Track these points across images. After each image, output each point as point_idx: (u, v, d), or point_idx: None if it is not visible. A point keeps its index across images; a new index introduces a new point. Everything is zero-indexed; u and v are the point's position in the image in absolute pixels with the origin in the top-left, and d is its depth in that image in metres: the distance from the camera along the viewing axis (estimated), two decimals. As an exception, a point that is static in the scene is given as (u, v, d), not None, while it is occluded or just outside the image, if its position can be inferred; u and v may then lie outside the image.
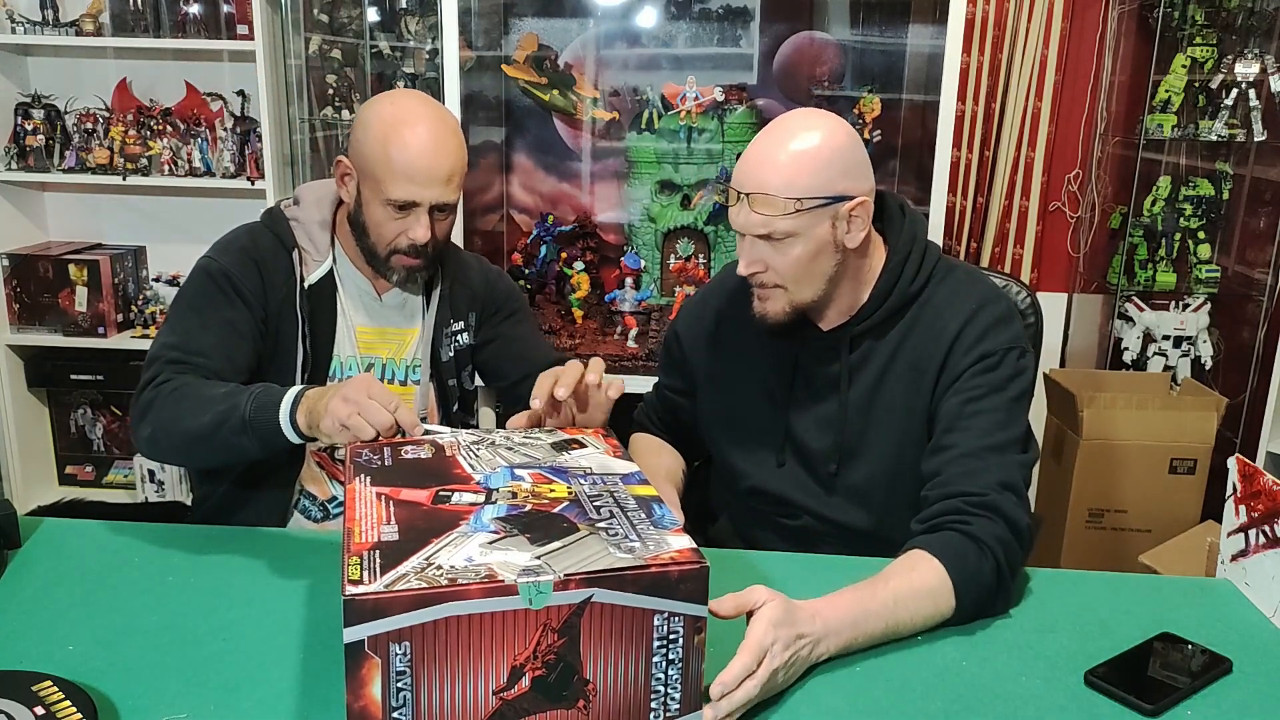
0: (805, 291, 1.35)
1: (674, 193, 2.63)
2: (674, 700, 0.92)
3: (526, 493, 1.02)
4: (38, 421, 3.02)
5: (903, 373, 1.37)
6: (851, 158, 1.31)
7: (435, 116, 1.45)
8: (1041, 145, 2.93)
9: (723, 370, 1.52)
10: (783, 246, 1.31)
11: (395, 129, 1.41)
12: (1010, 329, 1.36)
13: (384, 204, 1.43)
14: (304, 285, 1.50)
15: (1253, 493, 1.24)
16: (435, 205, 1.45)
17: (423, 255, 1.48)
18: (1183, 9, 2.75)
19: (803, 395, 1.44)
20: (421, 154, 1.41)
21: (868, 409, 1.40)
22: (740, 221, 1.32)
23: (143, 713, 0.98)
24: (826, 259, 1.33)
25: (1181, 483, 2.66)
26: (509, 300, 1.71)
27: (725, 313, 1.53)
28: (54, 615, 1.14)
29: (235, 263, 1.48)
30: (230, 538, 1.36)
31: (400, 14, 2.83)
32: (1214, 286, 2.89)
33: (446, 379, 1.63)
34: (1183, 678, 1.07)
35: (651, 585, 0.88)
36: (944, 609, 1.15)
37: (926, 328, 1.37)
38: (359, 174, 1.47)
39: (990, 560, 1.17)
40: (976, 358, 1.33)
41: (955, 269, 1.43)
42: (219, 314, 1.45)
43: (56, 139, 2.81)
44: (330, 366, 1.54)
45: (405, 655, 0.83)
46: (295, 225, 1.53)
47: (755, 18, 2.54)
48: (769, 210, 1.28)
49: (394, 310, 1.59)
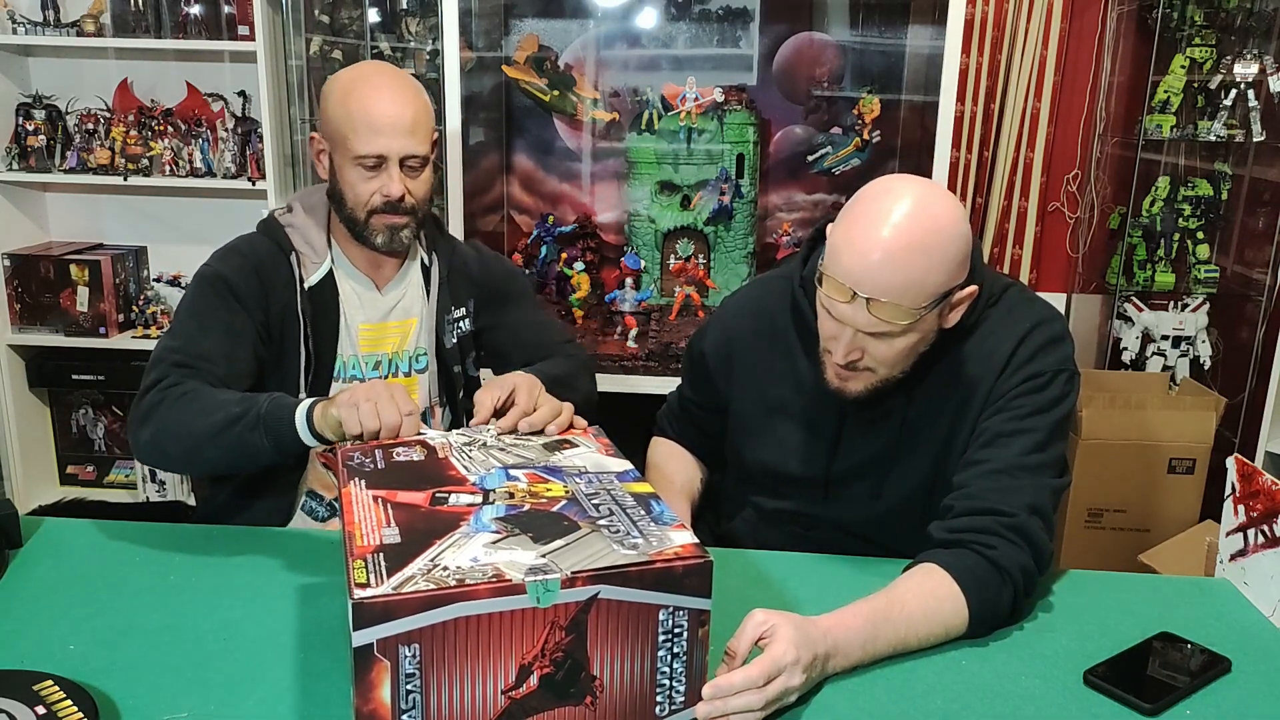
0: (894, 372, 1.28)
1: (674, 193, 2.63)
2: (679, 693, 0.92)
3: (524, 492, 1.02)
4: (39, 421, 3.02)
5: (954, 397, 1.33)
6: (968, 245, 1.22)
7: (392, 73, 1.51)
8: (1040, 146, 2.93)
9: (764, 407, 1.46)
10: (890, 340, 1.23)
11: (354, 87, 1.46)
12: (1061, 350, 1.31)
13: (354, 164, 1.45)
14: (304, 287, 1.51)
15: (1251, 492, 1.24)
16: (404, 158, 1.46)
17: (401, 211, 1.48)
18: (1182, 9, 2.75)
19: (852, 431, 1.39)
20: (381, 105, 1.44)
21: (917, 435, 1.36)
22: (853, 319, 1.21)
23: (144, 712, 0.98)
24: (924, 343, 1.27)
25: (1180, 482, 2.67)
26: (508, 283, 1.71)
27: (763, 332, 1.46)
28: (55, 615, 1.14)
29: (233, 269, 1.49)
30: (231, 537, 1.37)
31: (401, 15, 2.83)
32: (1213, 287, 2.89)
33: (451, 366, 1.63)
34: (1182, 677, 1.07)
35: (657, 580, 0.88)
36: (955, 634, 1.14)
37: (980, 353, 1.32)
38: (330, 143, 1.50)
39: (1010, 590, 1.16)
40: (1025, 377, 1.28)
41: (1009, 291, 1.37)
42: (218, 317, 1.46)
43: (58, 139, 2.81)
44: (334, 367, 1.54)
45: (415, 657, 0.83)
46: (291, 230, 1.54)
47: (755, 18, 2.55)
48: (891, 316, 1.18)
49: (395, 302, 1.59)
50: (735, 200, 2.61)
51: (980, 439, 1.28)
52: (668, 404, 1.66)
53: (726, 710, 0.94)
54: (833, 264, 1.21)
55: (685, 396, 1.62)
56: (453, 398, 1.65)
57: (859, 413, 1.37)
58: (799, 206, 2.66)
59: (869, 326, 1.20)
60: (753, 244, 2.67)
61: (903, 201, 1.18)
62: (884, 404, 1.35)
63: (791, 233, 2.65)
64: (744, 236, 2.66)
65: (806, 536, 1.44)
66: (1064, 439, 1.30)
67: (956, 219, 1.20)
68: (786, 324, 1.43)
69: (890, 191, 1.20)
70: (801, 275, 1.40)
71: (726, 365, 1.51)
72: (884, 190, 1.21)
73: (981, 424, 1.29)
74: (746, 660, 0.98)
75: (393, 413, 1.18)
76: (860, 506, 1.40)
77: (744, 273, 2.67)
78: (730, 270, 2.67)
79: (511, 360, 1.67)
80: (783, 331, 1.43)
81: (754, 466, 1.48)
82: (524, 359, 1.62)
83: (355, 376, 1.55)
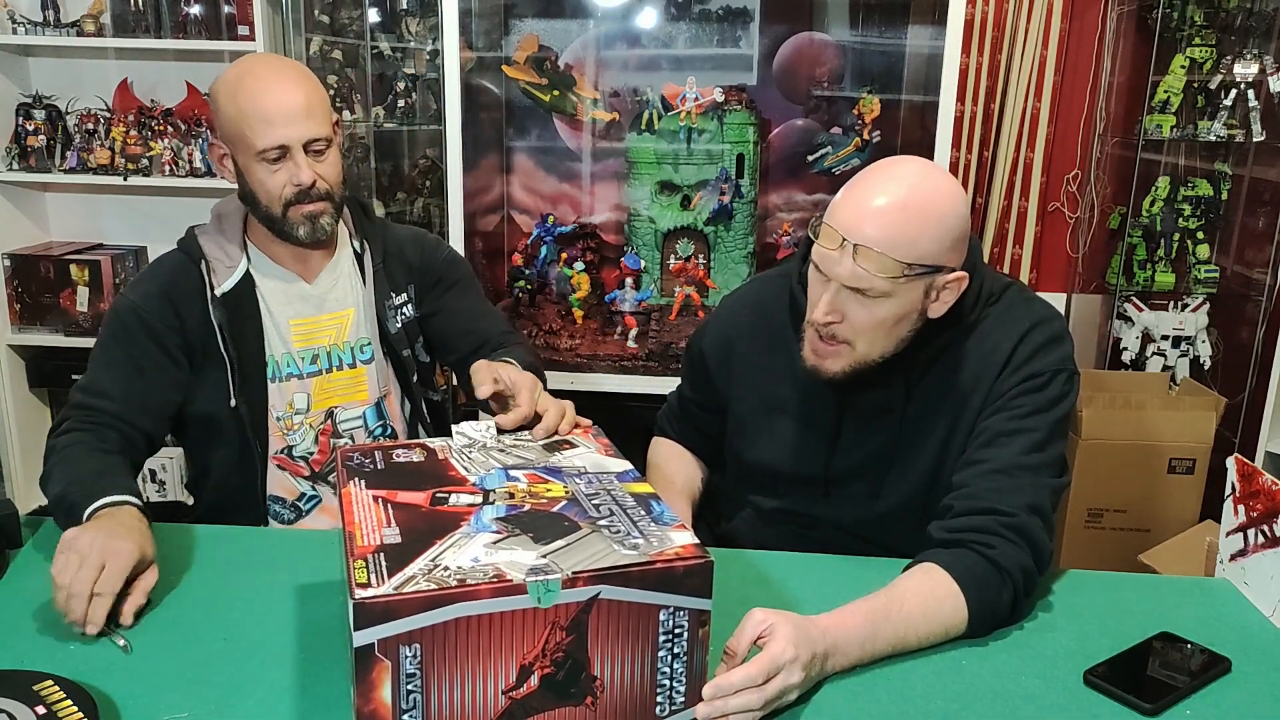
0: (873, 352, 1.28)
1: (674, 193, 2.63)
2: (679, 694, 0.92)
3: (524, 493, 1.02)
4: (39, 421, 3.02)
5: (953, 396, 1.33)
6: (964, 228, 1.24)
7: (277, 61, 1.51)
8: (1040, 146, 2.94)
9: (762, 405, 1.46)
10: (870, 303, 1.23)
11: (239, 84, 1.44)
12: (1061, 349, 1.31)
13: (259, 160, 1.44)
14: (214, 294, 1.50)
15: (1251, 492, 1.24)
16: (306, 143, 1.44)
17: (315, 198, 1.47)
18: (1182, 9, 2.75)
19: (851, 428, 1.39)
20: (272, 96, 1.42)
21: (916, 434, 1.36)
22: (836, 270, 1.22)
23: (143, 712, 0.98)
24: (906, 324, 1.27)
25: (1180, 482, 2.67)
26: (449, 270, 1.69)
27: (760, 330, 1.47)
28: (55, 615, 1.14)
29: (141, 296, 1.49)
30: (231, 537, 1.37)
31: (401, 15, 2.84)
32: (1213, 286, 2.90)
33: (400, 350, 1.62)
34: (1182, 677, 1.07)
35: (658, 581, 0.88)
36: (954, 634, 1.14)
37: (979, 352, 1.32)
38: (230, 145, 1.48)
39: (1010, 590, 1.16)
40: (1024, 377, 1.28)
41: (1009, 290, 1.37)
42: (123, 352, 1.47)
43: (58, 139, 2.81)
44: (268, 368, 1.54)
45: (415, 657, 0.83)
46: (205, 239, 1.54)
47: (755, 18, 2.55)
48: (875, 268, 1.19)
49: (326, 294, 1.58)
50: (735, 200, 2.61)
51: (980, 438, 1.28)
52: (668, 404, 1.66)
53: (726, 710, 0.94)
54: (830, 215, 1.25)
55: (685, 396, 1.62)
56: (406, 384, 1.65)
57: (857, 409, 1.37)
58: (799, 206, 2.66)
59: (852, 279, 1.21)
60: (753, 244, 2.67)
61: (908, 167, 1.25)
62: (883, 401, 1.35)
63: (791, 233, 2.65)
64: (744, 236, 2.66)
65: (806, 536, 1.43)
66: (1063, 438, 1.30)
67: (957, 199, 1.23)
68: (785, 321, 1.43)
69: (898, 161, 1.26)
70: (800, 271, 1.39)
71: (726, 364, 1.51)
72: (892, 161, 1.27)
73: (981, 423, 1.30)
74: (745, 659, 0.98)
75: (83, 582, 1.09)
76: (860, 506, 1.40)
77: (744, 273, 2.67)
78: (730, 270, 2.67)
79: (455, 347, 1.67)
80: (781, 328, 1.43)
81: (753, 465, 1.48)
82: (469, 346, 1.63)
83: (293, 374, 1.55)
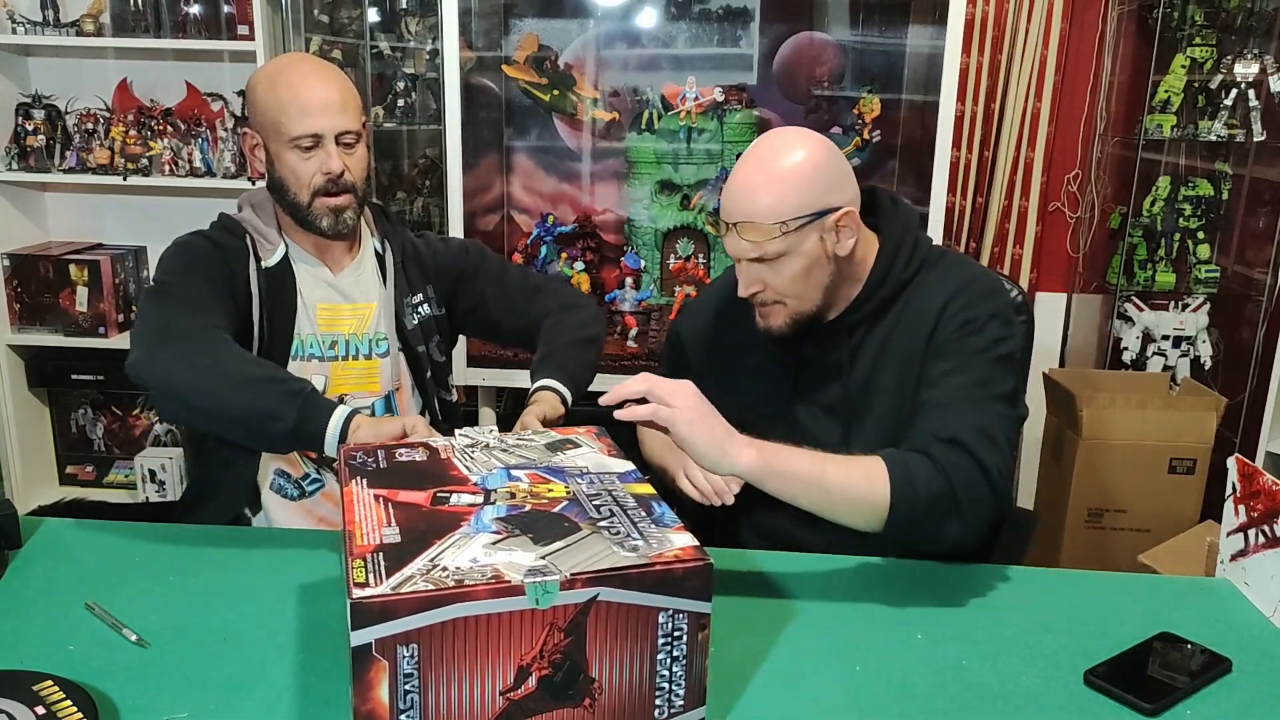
0: (805, 304, 1.39)
1: (674, 193, 2.63)
2: (678, 696, 0.92)
3: (525, 493, 1.02)
4: (38, 421, 3.02)
5: (898, 354, 1.41)
6: (831, 172, 1.34)
7: (314, 59, 1.60)
8: (1041, 145, 2.93)
9: (727, 367, 1.55)
10: (777, 265, 1.35)
11: (278, 76, 1.51)
12: (996, 300, 1.38)
13: (291, 147, 1.49)
14: (260, 265, 1.54)
15: (1252, 492, 1.24)
16: (339, 134, 1.50)
17: (342, 190, 1.52)
18: (1182, 9, 2.75)
19: (807, 386, 1.48)
20: (309, 86, 1.48)
21: (867, 393, 1.43)
22: (732, 249, 1.36)
23: (143, 712, 0.98)
24: (821, 271, 1.37)
25: (1181, 482, 2.67)
26: (466, 258, 1.74)
27: (726, 312, 1.56)
28: (54, 615, 1.14)
29: (199, 245, 1.55)
30: (231, 537, 1.37)
31: (400, 14, 2.84)
32: (1213, 286, 2.90)
33: (415, 346, 1.66)
34: (1182, 677, 1.07)
35: (656, 583, 0.88)
36: (878, 494, 1.19)
37: (917, 309, 1.40)
38: (262, 135, 1.53)
39: (941, 480, 1.20)
40: (959, 324, 1.36)
41: (946, 255, 1.46)
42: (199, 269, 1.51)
43: (57, 139, 2.81)
44: (291, 346, 1.57)
45: (413, 657, 0.83)
46: (245, 219, 1.59)
47: (755, 18, 2.54)
48: (757, 236, 1.32)
49: (351, 286, 1.62)
50: (735, 200, 2.60)
51: (924, 387, 1.35)
52: None
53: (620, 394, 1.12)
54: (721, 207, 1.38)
55: None
56: (420, 380, 1.68)
57: (811, 367, 1.46)
58: (799, 206, 2.65)
59: (745, 252, 1.34)
60: (753, 244, 2.67)
61: (763, 141, 1.37)
62: (833, 360, 1.44)
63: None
64: (744, 236, 2.65)
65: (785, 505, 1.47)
66: (1012, 376, 1.36)
67: (811, 146, 1.33)
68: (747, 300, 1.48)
69: (757, 140, 1.38)
70: None
71: (697, 343, 1.61)
72: (755, 141, 1.38)
73: (925, 371, 1.37)
74: None
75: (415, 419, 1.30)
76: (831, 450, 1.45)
77: (744, 272, 2.67)
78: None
79: (502, 327, 1.75)
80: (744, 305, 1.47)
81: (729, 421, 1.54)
82: (512, 318, 1.72)
83: (313, 355, 1.58)
